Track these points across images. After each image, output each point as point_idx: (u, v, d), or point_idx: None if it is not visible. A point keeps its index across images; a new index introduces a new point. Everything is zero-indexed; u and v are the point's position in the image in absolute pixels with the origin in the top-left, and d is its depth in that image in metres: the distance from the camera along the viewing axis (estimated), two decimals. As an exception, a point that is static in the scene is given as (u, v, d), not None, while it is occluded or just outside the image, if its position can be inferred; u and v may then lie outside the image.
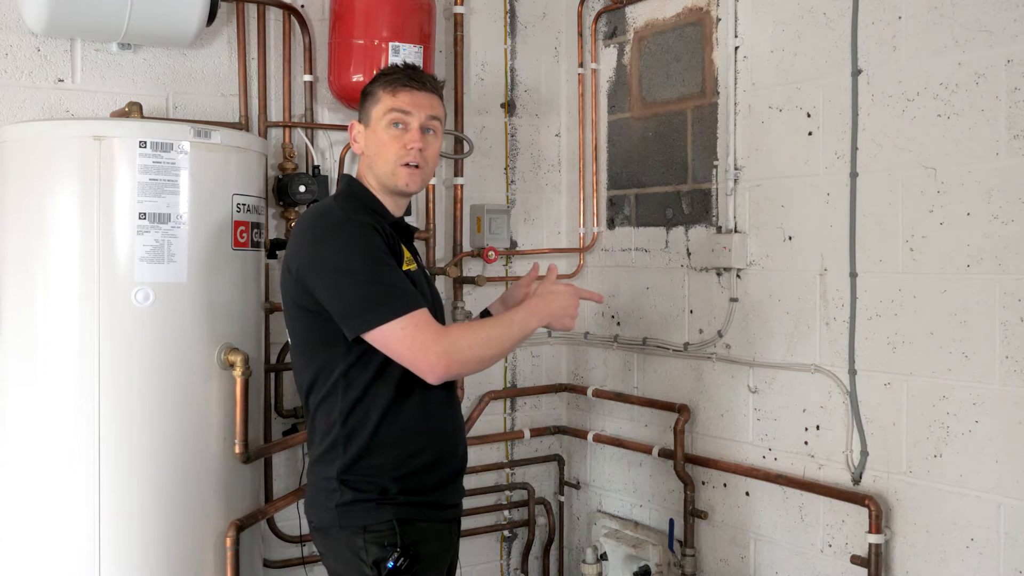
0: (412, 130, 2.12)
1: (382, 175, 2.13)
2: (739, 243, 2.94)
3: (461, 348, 1.95)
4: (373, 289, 1.93)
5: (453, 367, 1.95)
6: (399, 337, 1.92)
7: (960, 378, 2.39)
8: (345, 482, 2.01)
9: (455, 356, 1.94)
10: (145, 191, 2.35)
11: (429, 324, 1.94)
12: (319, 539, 2.10)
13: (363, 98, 2.19)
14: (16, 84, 2.70)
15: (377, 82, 2.17)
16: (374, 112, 2.14)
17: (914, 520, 2.51)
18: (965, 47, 2.37)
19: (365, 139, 2.16)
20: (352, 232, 1.97)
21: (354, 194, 2.14)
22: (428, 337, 1.92)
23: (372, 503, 2.00)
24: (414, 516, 2.02)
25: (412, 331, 1.92)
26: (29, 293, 2.38)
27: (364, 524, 1.99)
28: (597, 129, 3.55)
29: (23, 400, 2.39)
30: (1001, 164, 2.30)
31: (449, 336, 1.95)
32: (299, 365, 2.12)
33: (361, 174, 2.19)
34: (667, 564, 3.18)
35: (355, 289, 1.94)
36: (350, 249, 1.95)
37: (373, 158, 2.14)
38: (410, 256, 2.11)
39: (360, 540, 1.98)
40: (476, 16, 3.50)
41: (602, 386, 3.51)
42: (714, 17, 3.06)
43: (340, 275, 1.95)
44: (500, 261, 3.55)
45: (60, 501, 2.35)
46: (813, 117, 2.74)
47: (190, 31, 2.71)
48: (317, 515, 2.08)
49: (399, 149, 2.11)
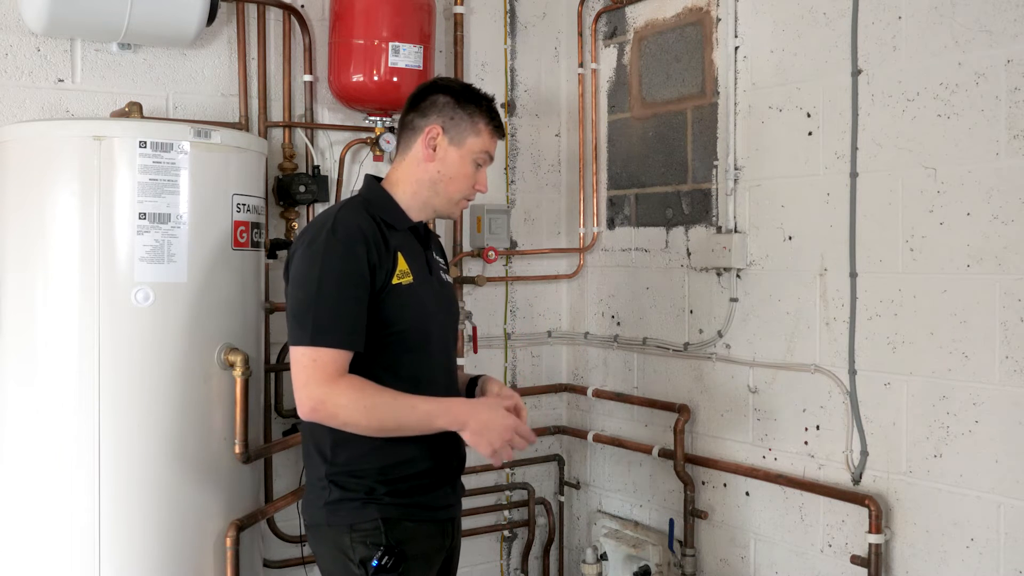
0: (484, 173, 2.17)
1: (442, 200, 2.14)
2: (739, 243, 2.94)
3: (337, 403, 1.91)
4: (308, 310, 1.94)
5: (319, 415, 1.93)
6: (297, 362, 1.94)
7: (960, 378, 2.39)
8: (334, 481, 2.02)
9: (326, 408, 1.92)
10: (145, 191, 2.35)
11: (328, 365, 1.92)
12: (310, 537, 2.11)
13: (457, 110, 2.11)
14: (16, 84, 2.70)
15: (482, 111, 2.13)
16: (470, 142, 2.12)
17: (914, 520, 2.51)
18: (965, 47, 2.37)
19: (446, 156, 2.11)
20: (330, 248, 1.96)
21: (370, 199, 2.11)
22: (317, 376, 1.91)
23: (358, 502, 2.00)
24: (400, 516, 2.02)
25: (308, 362, 1.92)
26: (29, 293, 2.38)
27: (351, 523, 1.99)
28: (597, 129, 3.55)
29: (23, 400, 2.38)
30: (1001, 164, 2.30)
31: (335, 387, 1.92)
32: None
33: (400, 177, 2.14)
34: (667, 564, 3.18)
35: (299, 303, 1.97)
36: (317, 264, 1.95)
37: (444, 179, 2.12)
38: (407, 269, 2.05)
39: (347, 539, 1.99)
40: (476, 16, 3.50)
41: (602, 386, 3.51)
42: (714, 17, 3.06)
43: (298, 286, 1.98)
44: (500, 261, 3.55)
45: (60, 501, 2.35)
46: (813, 117, 2.74)
47: (190, 31, 2.71)
48: (308, 513, 2.09)
49: (471, 187, 2.15)
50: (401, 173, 2.15)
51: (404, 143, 2.16)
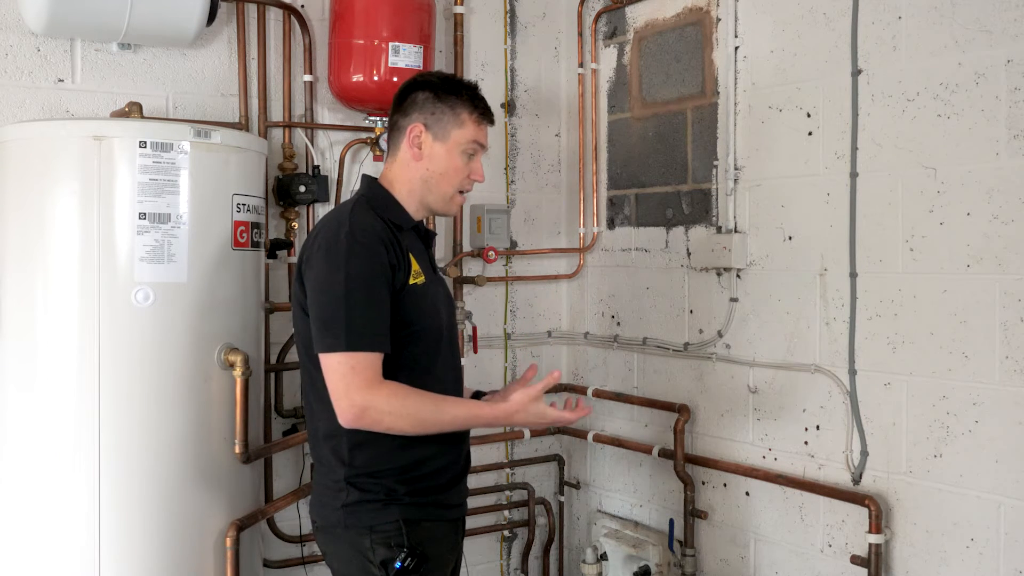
0: (478, 162, 2.13)
1: (436, 197, 2.12)
2: (739, 243, 2.94)
3: (380, 410, 1.90)
4: (339, 315, 1.91)
5: (362, 423, 1.92)
6: (334, 370, 1.91)
7: (960, 378, 2.39)
8: (352, 483, 2.00)
9: (369, 415, 1.90)
10: (145, 191, 2.35)
11: (367, 370, 1.90)
12: (324, 539, 2.09)
13: (437, 104, 2.09)
14: (16, 84, 2.69)
15: (463, 100, 2.10)
16: (455, 135, 2.09)
17: (914, 520, 2.51)
18: (965, 47, 2.37)
19: (432, 152, 2.09)
20: (352, 251, 1.93)
21: (374, 200, 2.08)
22: (357, 383, 1.89)
23: (379, 503, 1.99)
24: (420, 516, 2.02)
25: (346, 370, 1.89)
26: (29, 293, 2.38)
27: (371, 524, 1.98)
28: (597, 129, 3.55)
29: (23, 400, 2.38)
30: (1001, 164, 2.30)
31: (378, 393, 1.90)
32: (304, 365, 2.10)
33: (394, 178, 2.13)
34: (667, 564, 3.18)
35: (325, 309, 1.93)
36: (342, 268, 1.92)
37: (434, 176, 2.10)
38: (419, 269, 2.06)
39: (367, 540, 1.98)
40: (476, 16, 3.50)
41: (602, 386, 3.51)
42: (714, 17, 3.06)
43: (323, 291, 1.94)
44: (500, 261, 3.55)
45: (60, 501, 2.35)
46: (813, 117, 2.74)
47: (190, 31, 2.71)
48: (322, 515, 2.07)
49: (464, 178, 2.12)
50: (395, 174, 2.13)
51: (393, 144, 2.15)
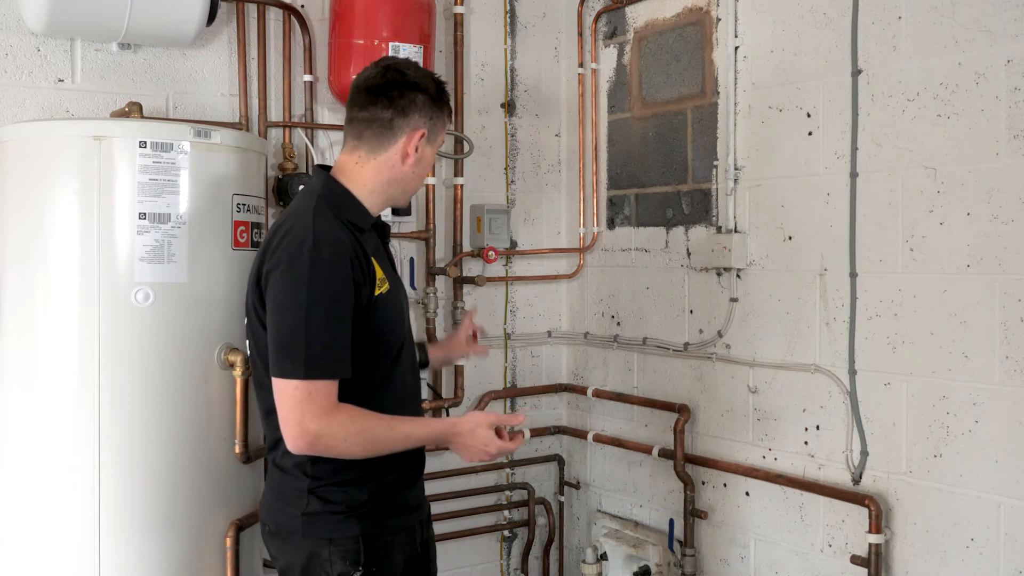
0: None
1: (405, 193, 2.09)
2: (739, 243, 2.94)
3: (335, 437, 1.86)
4: (298, 340, 1.83)
5: (315, 450, 1.88)
6: (289, 395, 1.84)
7: (960, 378, 2.39)
8: (314, 492, 1.97)
9: (323, 442, 1.86)
10: (145, 191, 2.35)
11: (324, 397, 1.84)
12: (277, 544, 2.04)
13: (434, 109, 2.05)
14: (16, 84, 2.69)
15: (447, 104, 2.08)
16: (440, 138, 2.10)
17: (914, 520, 2.51)
18: (965, 47, 2.37)
19: (423, 156, 2.05)
20: (315, 269, 1.84)
21: (332, 200, 1.97)
22: (313, 411, 1.83)
23: (340, 516, 1.96)
24: (379, 531, 1.99)
25: (303, 396, 1.83)
26: (29, 293, 2.38)
27: (330, 536, 1.95)
28: (597, 129, 3.55)
29: (23, 400, 2.38)
30: (1001, 164, 2.30)
31: (333, 419, 1.85)
32: (260, 373, 2.02)
33: (360, 175, 2.01)
34: (667, 564, 3.18)
35: (284, 331, 1.86)
36: (303, 288, 1.84)
37: (417, 176, 2.08)
38: (383, 275, 1.98)
39: (325, 551, 1.94)
40: (476, 16, 3.50)
41: (602, 386, 3.51)
42: (714, 17, 3.06)
43: (282, 311, 1.86)
44: (500, 261, 3.55)
45: (60, 500, 2.35)
46: (813, 117, 2.74)
47: (190, 31, 2.71)
48: (278, 521, 2.02)
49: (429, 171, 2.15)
50: (368, 173, 2.02)
51: (376, 140, 2.01)
